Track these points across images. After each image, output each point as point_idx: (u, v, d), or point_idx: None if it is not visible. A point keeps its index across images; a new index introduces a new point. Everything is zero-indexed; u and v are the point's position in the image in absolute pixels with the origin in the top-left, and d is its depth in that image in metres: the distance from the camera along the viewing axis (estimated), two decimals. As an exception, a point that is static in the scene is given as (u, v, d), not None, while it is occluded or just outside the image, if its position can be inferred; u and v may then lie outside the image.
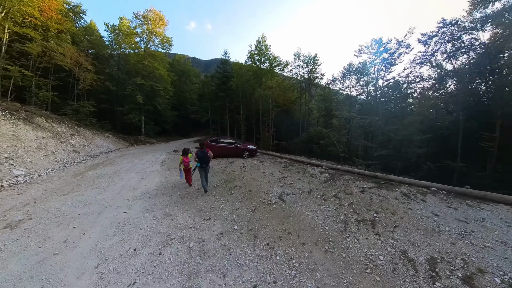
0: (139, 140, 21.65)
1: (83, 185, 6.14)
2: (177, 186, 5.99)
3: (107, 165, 9.11)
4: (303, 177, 6.62)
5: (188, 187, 6.03)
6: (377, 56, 16.55)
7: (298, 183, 6.10)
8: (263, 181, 6.33)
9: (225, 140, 10.68)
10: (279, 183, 6.14)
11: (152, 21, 23.48)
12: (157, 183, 6.33)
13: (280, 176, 6.73)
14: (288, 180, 6.30)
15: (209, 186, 5.78)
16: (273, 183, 6.15)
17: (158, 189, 5.72)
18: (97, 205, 4.54)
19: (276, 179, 6.48)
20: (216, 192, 5.67)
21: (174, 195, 5.31)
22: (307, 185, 5.91)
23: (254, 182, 6.26)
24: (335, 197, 5.14)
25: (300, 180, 6.32)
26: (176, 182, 6.47)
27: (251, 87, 21.55)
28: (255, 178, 6.57)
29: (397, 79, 15.08)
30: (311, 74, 23.81)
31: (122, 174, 7.14)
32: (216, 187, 6.08)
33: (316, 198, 5.11)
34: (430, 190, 5.95)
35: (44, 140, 11.32)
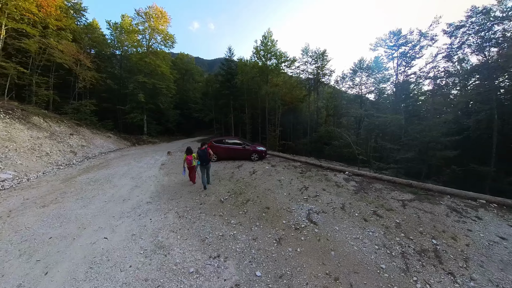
0: (141, 139, 21.04)
1: (69, 193, 5.33)
2: (175, 199, 5.00)
3: (102, 168, 8.34)
4: (328, 186, 5.64)
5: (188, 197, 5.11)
6: (395, 49, 15.21)
7: (325, 195, 5.12)
8: (281, 192, 5.29)
9: (231, 140, 9.63)
10: (302, 195, 5.12)
11: (154, 18, 22.80)
12: (152, 192, 5.42)
13: (300, 185, 5.73)
14: (312, 192, 5.32)
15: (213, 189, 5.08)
16: (294, 195, 5.11)
17: (152, 202, 4.76)
18: (76, 224, 3.66)
19: (296, 189, 5.47)
20: (224, 209, 4.50)
21: (170, 212, 4.31)
22: (337, 198, 4.94)
23: (270, 194, 5.20)
24: (376, 216, 4.16)
25: (326, 191, 5.35)
26: (175, 191, 5.53)
27: (256, 85, 20.55)
28: (271, 189, 5.52)
29: (418, 74, 13.73)
30: (319, 71, 22.59)
31: (115, 180, 6.30)
32: (224, 201, 4.90)
33: (354, 217, 4.13)
34: (478, 202, 5.03)
35: (39, 140, 10.68)
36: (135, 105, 20.76)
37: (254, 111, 22.64)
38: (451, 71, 12.53)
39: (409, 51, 14.10)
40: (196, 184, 6.07)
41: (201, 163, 5.60)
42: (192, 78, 39.19)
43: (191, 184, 6.09)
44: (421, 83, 13.87)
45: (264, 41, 21.12)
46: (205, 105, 26.22)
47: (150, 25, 22.52)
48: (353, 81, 26.44)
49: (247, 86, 20.75)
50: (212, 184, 6.06)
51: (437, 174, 12.01)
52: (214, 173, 7.11)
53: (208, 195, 5.22)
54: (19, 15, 13.42)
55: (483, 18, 11.89)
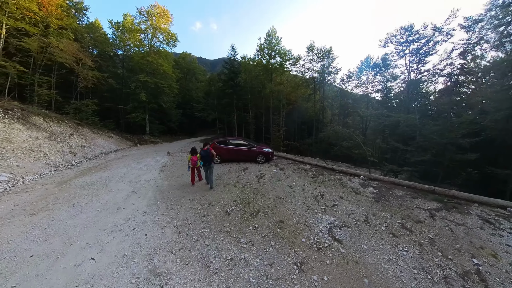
0: (143, 139, 20.77)
1: (61, 199, 4.94)
2: (175, 208, 4.50)
3: (99, 170, 7.96)
4: (345, 193, 5.11)
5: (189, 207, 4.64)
6: (406, 46, 14.47)
7: (344, 204, 4.60)
8: (294, 201, 4.73)
9: (235, 141, 9.03)
10: (318, 205, 4.57)
11: (156, 17, 22.50)
12: (150, 200, 4.92)
13: (315, 192, 5.19)
14: (329, 200, 4.79)
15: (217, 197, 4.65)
16: (310, 205, 4.55)
17: (149, 211, 4.25)
18: (62, 239, 3.22)
19: (311, 197, 4.93)
20: (231, 223, 3.89)
21: (169, 226, 3.74)
22: (357, 208, 4.41)
23: (283, 204, 4.62)
24: (406, 230, 3.64)
25: (344, 199, 4.82)
26: (175, 199, 5.03)
27: (260, 84, 20.04)
28: (283, 197, 4.94)
29: (432, 72, 12.98)
30: (325, 69, 21.93)
31: (111, 184, 5.88)
32: (230, 213, 4.28)
33: (381, 231, 3.61)
34: (508, 211, 4.63)
35: (38, 140, 10.40)
36: (137, 104, 20.50)
37: (258, 110, 22.14)
38: (468, 68, 11.77)
39: (422, 47, 13.35)
40: (196, 188, 5.62)
41: (204, 163, 5.54)
42: (194, 78, 38.91)
43: (190, 185, 5.90)
44: (435, 81, 13.14)
45: (268, 39, 20.59)
46: (207, 104, 25.86)
47: (152, 24, 22.24)
48: (359, 80, 25.74)
49: (251, 85, 20.25)
50: (216, 190, 5.58)
51: (450, 177, 11.32)
52: (218, 177, 6.64)
53: (212, 204, 4.70)
54: (20, 14, 13.22)
55: (503, 11, 11.14)
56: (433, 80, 13.76)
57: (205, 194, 5.34)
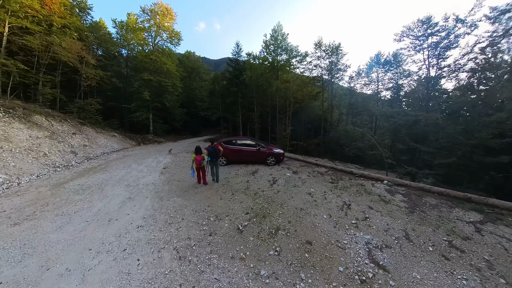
0: (146, 139, 20.48)
1: (51, 205, 4.45)
2: (175, 222, 3.81)
3: (98, 171, 7.52)
4: (373, 202, 4.44)
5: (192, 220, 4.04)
6: (423, 40, 13.46)
7: (375, 216, 3.94)
8: (318, 214, 4.02)
9: (242, 141, 8.24)
10: (347, 217, 3.89)
11: (160, 15, 22.20)
12: (146, 209, 4.28)
13: (339, 201, 4.52)
14: (357, 211, 4.12)
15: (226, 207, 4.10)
16: (337, 219, 3.88)
17: (145, 226, 3.59)
18: (40, 260, 2.67)
19: (336, 208, 4.25)
20: (246, 245, 3.10)
21: (167, 249, 3.00)
22: (392, 222, 3.76)
23: (305, 217, 3.89)
24: (456, 250, 3.03)
25: (374, 209, 4.15)
26: (175, 209, 4.40)
27: (266, 81, 19.35)
28: (304, 208, 4.22)
29: (453, 67, 11.95)
30: (333, 66, 21.04)
31: (107, 188, 5.37)
32: (243, 230, 3.52)
33: (429, 253, 2.98)
34: None
35: (38, 140, 10.09)
36: (140, 103, 20.22)
37: (263, 109, 21.48)
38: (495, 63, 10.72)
39: (442, 40, 12.30)
40: (200, 196, 4.98)
41: (211, 159, 5.62)
42: (198, 77, 38.58)
43: (199, 186, 5.57)
44: (455, 77, 12.09)
45: (274, 35, 19.88)
46: (212, 103, 25.38)
47: (156, 23, 21.95)
48: (368, 77, 24.67)
49: (256, 83, 19.59)
50: (224, 199, 4.89)
51: (473, 181, 10.36)
52: (225, 182, 6.00)
53: (220, 217, 3.98)
54: (23, 13, 13.01)
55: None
56: (453, 76, 12.71)
57: (210, 203, 4.64)
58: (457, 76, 12.57)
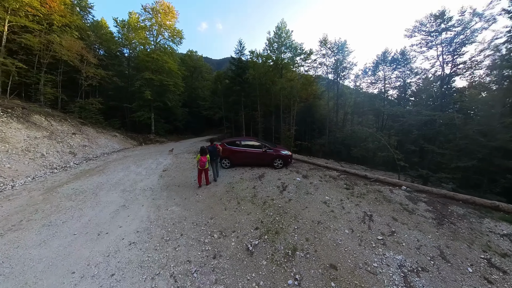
0: (148, 139, 20.21)
1: (40, 213, 4.08)
2: (173, 239, 3.29)
3: (95, 174, 7.17)
4: (396, 212, 3.98)
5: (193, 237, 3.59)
6: (435, 35, 12.76)
7: (402, 230, 3.47)
8: (339, 228, 3.53)
9: (247, 142, 7.60)
10: (371, 232, 3.41)
11: (161, 14, 21.92)
12: (141, 220, 3.80)
13: (358, 211, 4.05)
14: (381, 223, 3.66)
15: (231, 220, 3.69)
16: (361, 233, 3.40)
17: (138, 242, 3.10)
18: (13, 286, 2.28)
19: (357, 220, 3.78)
20: (258, 273, 2.59)
21: (161, 276, 2.52)
22: (422, 236, 3.32)
23: (324, 232, 3.37)
24: (497, 270, 2.68)
25: (399, 221, 3.69)
26: (174, 221, 3.84)
27: (269, 80, 18.85)
28: (322, 221, 3.71)
29: (469, 64, 11.25)
30: (339, 64, 20.41)
31: (102, 194, 4.98)
32: (254, 250, 2.97)
33: (469, 275, 2.59)
34: None
35: (36, 140, 9.82)
36: (142, 103, 19.95)
37: (267, 108, 21.00)
38: None
39: (458, 36, 11.59)
40: (202, 206, 4.49)
41: (211, 158, 5.69)
42: (201, 76, 38.29)
43: (200, 192, 5.16)
44: (472, 74, 11.40)
45: (277, 33, 19.37)
46: (214, 102, 25.00)
47: (157, 21, 21.68)
48: (375, 76, 23.94)
49: (259, 81, 19.11)
50: (228, 209, 4.36)
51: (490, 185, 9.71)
52: (229, 189, 5.48)
53: (225, 234, 3.42)
54: (23, 12, 12.79)
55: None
56: (469, 74, 12.00)
57: (213, 214, 4.13)
58: (472, 73, 11.88)
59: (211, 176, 6.06)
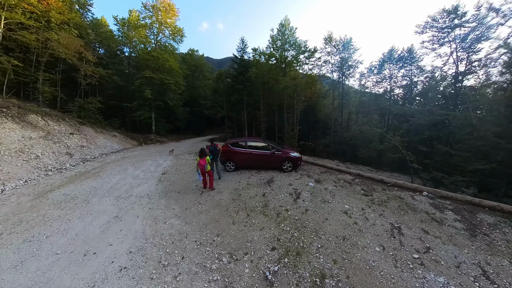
0: (148, 138, 19.83)
1: (24, 224, 3.65)
2: (173, 263, 2.73)
3: (90, 177, 6.74)
4: (424, 223, 3.55)
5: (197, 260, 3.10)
6: (448, 31, 12.14)
7: (437, 245, 3.05)
8: (368, 244, 3.08)
9: (253, 143, 6.95)
10: (405, 250, 2.95)
11: (162, 11, 21.51)
12: (135, 237, 3.25)
13: (384, 222, 3.60)
14: (412, 238, 3.22)
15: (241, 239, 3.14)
16: (394, 252, 2.93)
17: (130, 268, 2.59)
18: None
19: (385, 234, 3.32)
20: None
21: None
22: (459, 252, 2.91)
23: (353, 251, 2.90)
24: None
25: (430, 233, 3.26)
26: (173, 239, 3.30)
27: (273, 79, 18.34)
28: (347, 237, 3.24)
29: (484, 62, 10.64)
30: (344, 63, 19.83)
31: (94, 201, 4.53)
32: (273, 279, 2.46)
33: None
34: None
35: (31, 141, 9.43)
36: (142, 102, 19.56)
37: (269, 107, 20.51)
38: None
39: (473, 32, 10.96)
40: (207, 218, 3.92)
41: (213, 157, 5.67)
42: (202, 75, 37.84)
43: (203, 202, 4.63)
44: (487, 72, 10.79)
45: (281, 30, 18.85)
46: (216, 101, 24.54)
47: (158, 19, 21.26)
48: (380, 75, 23.31)
49: (262, 80, 18.61)
50: (237, 222, 3.71)
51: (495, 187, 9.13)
52: (235, 197, 4.88)
53: (236, 256, 2.83)
54: (20, 9, 12.41)
55: None
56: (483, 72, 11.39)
57: (220, 229, 3.53)
58: (487, 72, 11.26)
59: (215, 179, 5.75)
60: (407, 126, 12.53)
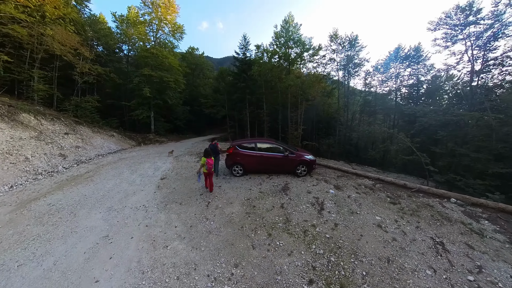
0: (147, 138, 19.24)
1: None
2: None
3: (82, 181, 6.15)
4: (464, 236, 3.13)
5: None
6: (461, 29, 11.50)
7: (487, 262, 2.63)
8: (417, 267, 2.58)
9: (264, 144, 6.29)
10: (457, 271, 2.51)
11: (161, 7, 20.88)
12: (128, 268, 2.58)
13: (424, 237, 3.10)
14: (460, 256, 2.79)
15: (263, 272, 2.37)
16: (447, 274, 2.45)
17: None
18: None
19: (430, 252, 2.84)
20: None
21: None
22: (510, 269, 2.46)
23: (403, 277, 2.39)
24: None
25: (476, 249, 2.86)
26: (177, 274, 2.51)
27: (276, 77, 17.71)
28: (391, 258, 2.69)
29: (500, 60, 10.04)
30: (349, 61, 19.19)
31: (82, 214, 3.92)
32: None
33: None
34: None
35: (21, 141, 8.82)
36: (141, 100, 18.94)
37: (273, 106, 19.90)
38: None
39: (490, 29, 10.32)
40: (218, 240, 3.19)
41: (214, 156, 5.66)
42: (202, 74, 37.20)
43: (211, 217, 3.98)
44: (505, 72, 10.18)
45: (285, 26, 18.20)
46: (217, 100, 23.90)
47: (157, 16, 20.63)
48: (386, 74, 22.71)
49: (265, 78, 17.99)
50: (258, 246, 2.99)
51: None
52: (249, 208, 4.15)
53: None
54: (13, 2, 11.75)
55: None
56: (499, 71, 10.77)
57: (237, 257, 2.76)
58: (505, 70, 10.65)
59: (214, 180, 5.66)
60: (418, 126, 11.96)
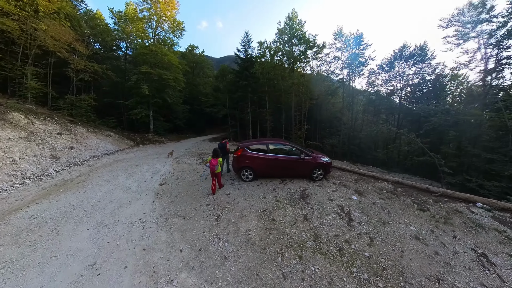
0: (146, 138, 18.62)
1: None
2: None
3: (72, 187, 5.57)
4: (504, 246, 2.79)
5: None
6: (472, 26, 10.99)
7: None
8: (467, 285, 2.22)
9: (276, 145, 5.68)
10: (506, 286, 2.24)
11: (161, 3, 20.19)
12: None
13: (465, 249, 2.77)
14: (507, 269, 2.49)
15: None
16: None
17: None
18: None
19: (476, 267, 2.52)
20: None
21: None
22: None
23: None
24: None
25: None
26: None
27: (279, 75, 17.15)
28: (440, 276, 2.26)
29: None
30: (354, 60, 18.65)
31: (66, 231, 3.32)
32: None
33: None
34: None
35: (9, 142, 8.20)
36: (139, 99, 18.30)
37: (275, 105, 19.35)
38: None
39: (504, 26, 9.81)
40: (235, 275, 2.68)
41: (222, 154, 5.55)
42: (202, 72, 36.54)
43: (225, 235, 3.31)
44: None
45: (288, 23, 17.64)
46: (218, 99, 23.29)
47: (157, 12, 19.94)
48: (390, 73, 22.22)
49: (268, 76, 17.42)
50: (289, 276, 2.37)
51: None
52: (269, 224, 3.49)
53: None
54: None
55: None
56: None
57: None
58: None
59: None
60: (427, 126, 11.48)
